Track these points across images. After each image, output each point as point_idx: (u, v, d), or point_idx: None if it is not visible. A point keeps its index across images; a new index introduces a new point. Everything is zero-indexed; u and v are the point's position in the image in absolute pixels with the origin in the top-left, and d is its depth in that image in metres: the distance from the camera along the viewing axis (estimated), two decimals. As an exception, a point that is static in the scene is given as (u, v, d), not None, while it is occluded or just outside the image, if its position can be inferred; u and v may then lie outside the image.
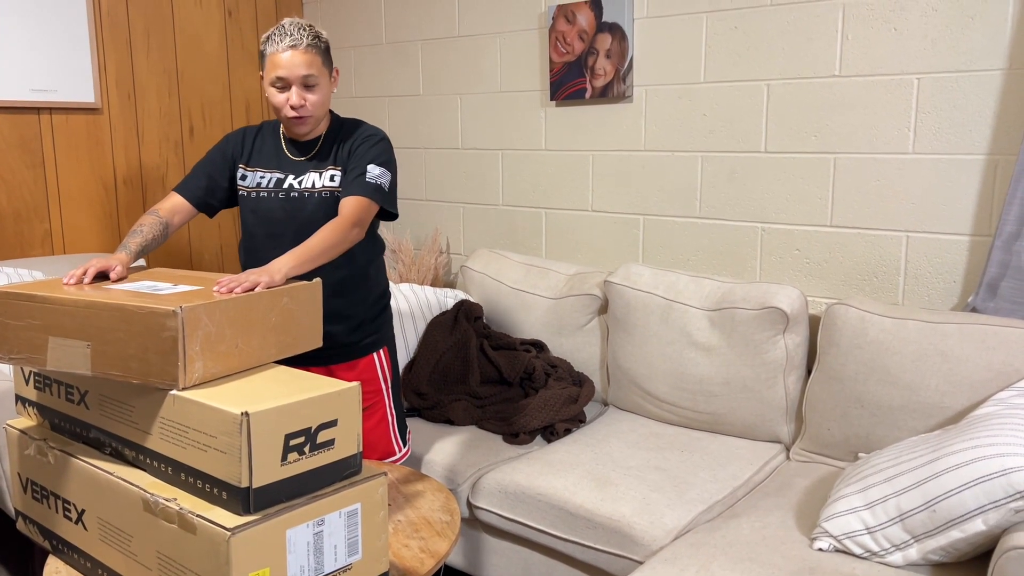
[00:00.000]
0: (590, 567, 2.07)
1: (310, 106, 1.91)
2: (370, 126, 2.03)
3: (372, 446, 2.12)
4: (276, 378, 1.36)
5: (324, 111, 1.97)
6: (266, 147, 2.05)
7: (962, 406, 1.96)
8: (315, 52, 1.89)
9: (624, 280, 2.57)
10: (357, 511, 1.32)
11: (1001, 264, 2.08)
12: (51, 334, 1.38)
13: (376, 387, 2.11)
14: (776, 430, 2.34)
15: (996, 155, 2.14)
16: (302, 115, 1.91)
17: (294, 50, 1.87)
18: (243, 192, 2.04)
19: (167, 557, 1.25)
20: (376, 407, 2.12)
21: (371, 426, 2.11)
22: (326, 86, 1.94)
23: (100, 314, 1.33)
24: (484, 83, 3.17)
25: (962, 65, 2.16)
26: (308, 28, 1.90)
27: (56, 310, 1.37)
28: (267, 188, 2.01)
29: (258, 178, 2.02)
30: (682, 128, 2.68)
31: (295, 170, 2.00)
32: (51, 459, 1.45)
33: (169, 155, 3.42)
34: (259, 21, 3.66)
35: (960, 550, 1.61)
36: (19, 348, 1.42)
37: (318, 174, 1.98)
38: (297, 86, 1.89)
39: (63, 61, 3.04)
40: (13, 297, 1.42)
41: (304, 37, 1.88)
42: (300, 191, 1.98)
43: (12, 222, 2.99)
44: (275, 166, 2.02)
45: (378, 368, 2.12)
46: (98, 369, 1.35)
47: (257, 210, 2.02)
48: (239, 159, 2.06)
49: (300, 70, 1.87)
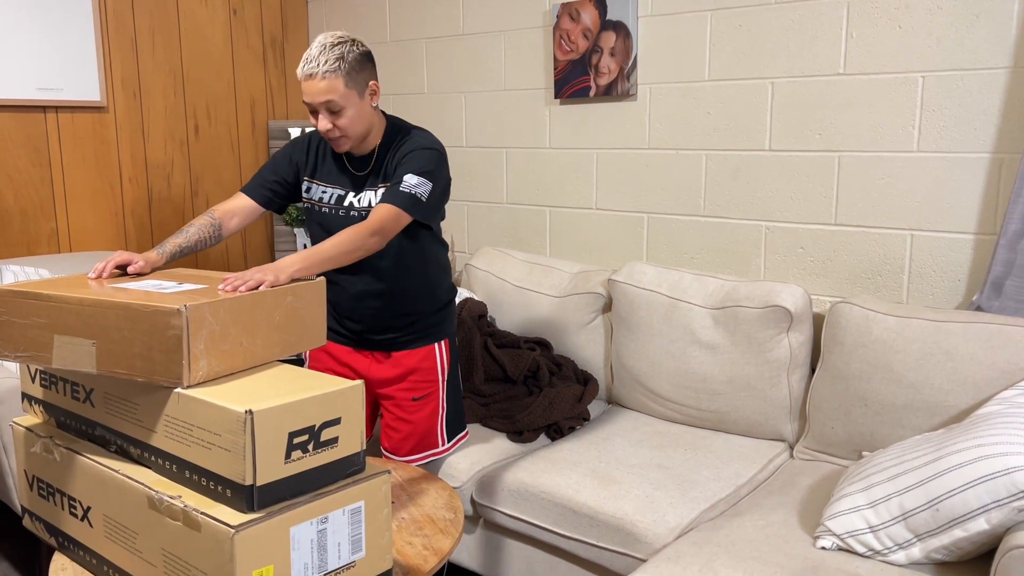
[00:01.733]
0: (594, 565, 2.07)
1: (339, 130, 1.89)
2: (423, 136, 1.98)
3: (417, 436, 2.12)
4: (280, 376, 1.37)
5: (360, 129, 1.93)
6: (329, 159, 2.05)
7: (966, 405, 1.96)
8: (335, 76, 1.84)
9: (628, 278, 2.57)
10: (361, 509, 1.33)
11: (1006, 263, 2.07)
12: (56, 332, 1.39)
13: (433, 377, 2.12)
14: (780, 428, 2.34)
15: (1001, 153, 2.14)
16: (333, 138, 1.91)
17: (311, 79, 1.84)
18: (307, 204, 2.07)
19: (172, 554, 1.26)
20: (431, 397, 2.12)
21: (423, 416, 2.12)
22: (356, 106, 1.89)
23: (105, 313, 1.34)
24: (488, 81, 3.17)
25: (967, 63, 2.16)
26: (332, 48, 1.84)
27: (61, 308, 1.38)
28: (329, 204, 2.02)
29: (320, 192, 2.04)
30: (686, 126, 2.68)
31: (355, 187, 2.01)
32: (57, 456, 1.46)
33: (175, 153, 3.43)
34: (264, 19, 3.67)
35: (963, 549, 1.61)
36: (25, 346, 1.43)
37: (374, 192, 1.98)
38: (322, 111, 1.88)
39: (69, 60, 3.05)
40: (18, 295, 1.43)
41: (320, 64, 1.83)
42: (359, 210, 1.98)
43: (19, 220, 3.01)
44: (336, 181, 2.03)
45: (438, 358, 2.13)
46: (103, 367, 1.35)
47: (318, 222, 2.05)
48: (303, 170, 2.07)
49: (319, 97, 1.85)
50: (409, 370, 2.10)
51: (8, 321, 1.44)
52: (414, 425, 2.12)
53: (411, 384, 2.10)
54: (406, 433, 2.12)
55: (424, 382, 2.11)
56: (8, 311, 1.44)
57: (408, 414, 2.12)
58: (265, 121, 3.71)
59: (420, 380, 2.11)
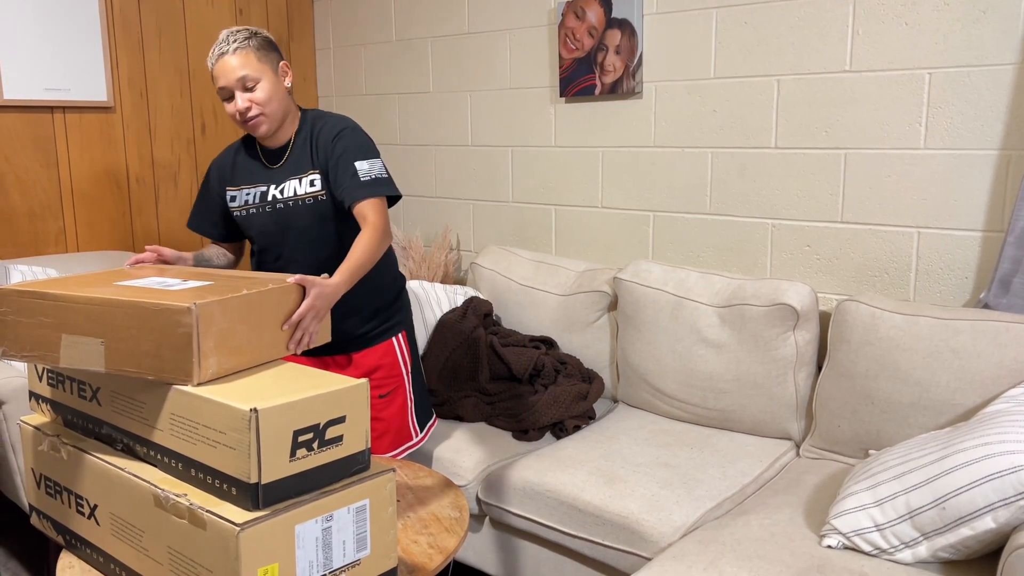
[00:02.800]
0: (599, 563, 2.07)
1: (256, 107, 1.89)
2: (334, 118, 1.98)
3: (392, 432, 2.12)
4: (285, 375, 1.37)
5: (278, 108, 1.93)
6: (245, 162, 2.05)
7: (973, 403, 1.95)
8: (246, 51, 1.87)
9: (634, 277, 2.57)
10: (366, 507, 1.33)
11: (1013, 260, 2.06)
12: (64, 332, 1.40)
13: (396, 372, 2.12)
14: (786, 427, 2.34)
15: (1009, 150, 2.13)
16: (253, 116, 1.89)
17: (223, 57, 1.87)
18: (236, 213, 2.04)
19: (178, 552, 1.26)
20: (397, 392, 2.12)
21: (392, 412, 2.11)
22: (271, 81, 1.90)
23: (114, 312, 1.34)
24: (494, 80, 3.17)
25: (974, 59, 2.15)
26: (238, 31, 1.89)
27: (69, 308, 1.39)
28: (254, 204, 2.01)
29: (244, 196, 2.02)
30: (692, 124, 2.67)
31: (274, 179, 1.99)
32: (64, 455, 1.47)
33: (181, 153, 3.44)
34: (270, 18, 3.67)
35: (970, 548, 1.60)
36: (32, 346, 1.43)
37: (298, 180, 1.96)
38: (238, 91, 1.88)
39: (76, 60, 3.06)
40: (24, 295, 1.43)
41: (231, 42, 1.87)
42: (284, 200, 1.97)
43: (26, 220, 3.02)
44: (256, 179, 2.01)
45: (398, 352, 2.12)
46: (112, 366, 1.36)
47: (251, 227, 2.03)
48: (225, 182, 2.06)
49: (233, 74, 1.86)
50: (371, 368, 2.09)
51: (14, 321, 1.45)
52: (386, 422, 2.12)
53: (376, 381, 2.10)
54: (380, 431, 2.12)
55: (388, 378, 2.10)
56: (14, 311, 1.44)
57: (377, 412, 2.11)
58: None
59: (384, 377, 2.10)
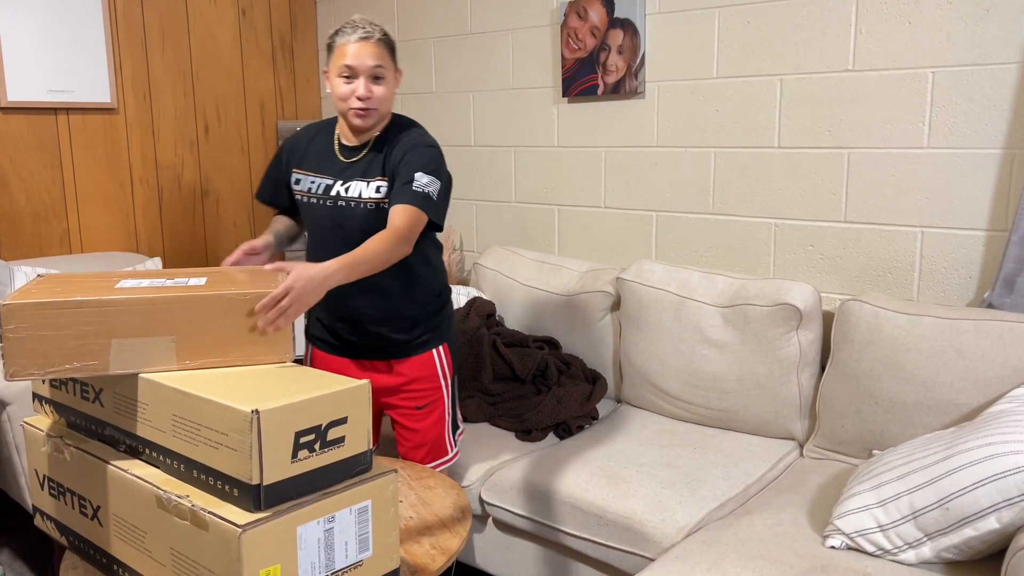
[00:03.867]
0: (602, 564, 2.07)
1: (376, 100, 1.89)
2: (422, 132, 1.97)
3: (428, 446, 2.07)
4: (286, 376, 1.37)
5: (388, 108, 1.94)
6: (320, 149, 2.03)
7: (977, 403, 1.95)
8: (384, 47, 1.89)
9: (637, 277, 2.57)
10: (368, 508, 1.33)
11: (1018, 260, 2.06)
12: (114, 337, 1.36)
13: (436, 384, 2.06)
14: (790, 427, 2.33)
15: (1013, 149, 2.12)
16: (368, 107, 1.88)
17: (365, 42, 1.86)
18: (297, 197, 2.04)
19: (180, 553, 1.26)
20: (435, 405, 2.06)
21: (428, 424, 2.06)
22: (391, 82, 1.92)
23: (188, 305, 1.39)
24: (496, 80, 3.17)
25: (977, 58, 2.14)
26: (376, 25, 1.91)
27: (118, 311, 1.35)
28: (316, 194, 1.99)
29: (309, 183, 2.00)
30: (694, 124, 2.67)
31: (343, 176, 1.97)
32: (67, 456, 1.47)
33: (185, 154, 3.44)
34: (273, 20, 3.68)
35: (974, 548, 1.60)
36: (64, 359, 1.35)
37: (365, 183, 1.94)
38: (365, 77, 1.87)
39: (79, 62, 3.07)
40: (50, 307, 1.34)
41: (375, 31, 1.88)
42: (347, 199, 1.94)
43: (31, 222, 3.03)
44: (325, 170, 1.99)
45: (438, 365, 2.06)
46: (184, 361, 1.39)
47: (308, 215, 2.02)
48: (293, 162, 2.05)
49: (370, 60, 1.86)
50: (410, 379, 2.04)
51: (36, 336, 1.33)
52: (421, 434, 2.07)
53: (413, 393, 2.05)
54: (415, 443, 2.07)
55: (426, 390, 2.05)
56: (34, 326, 1.33)
57: (413, 423, 2.06)
58: (275, 121, 3.73)
59: (422, 388, 2.05)
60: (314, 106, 3.88)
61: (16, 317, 1.32)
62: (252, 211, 3.71)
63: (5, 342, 1.33)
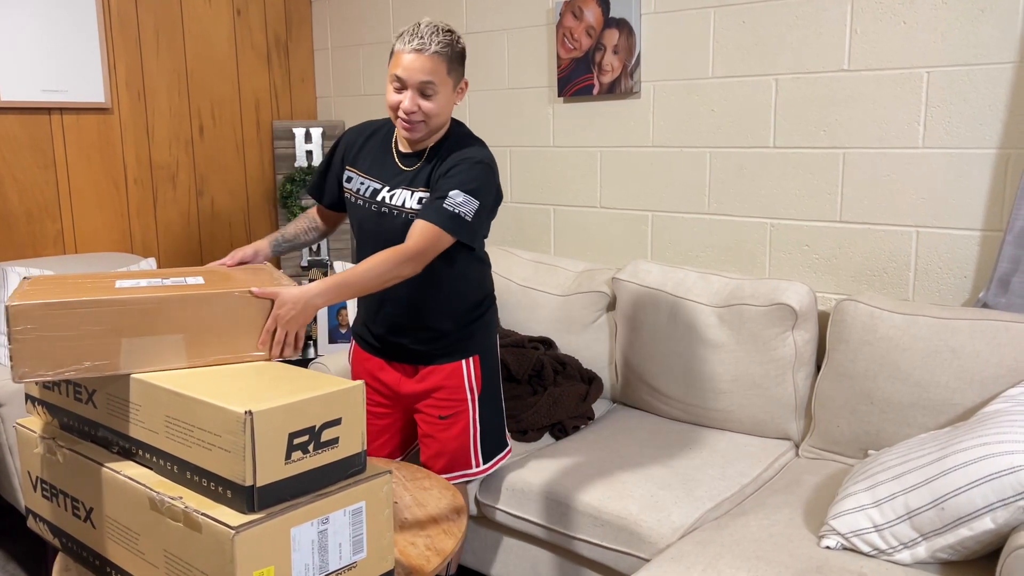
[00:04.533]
0: (597, 565, 2.07)
1: (422, 114, 1.81)
2: (477, 148, 1.88)
3: (448, 455, 2.03)
4: (280, 377, 1.37)
5: (441, 121, 1.86)
6: (376, 151, 1.98)
7: (973, 403, 1.95)
8: (441, 59, 1.78)
9: (632, 277, 2.56)
10: (362, 509, 1.32)
11: (1012, 259, 2.06)
12: (124, 336, 1.35)
13: (460, 396, 2.01)
14: (785, 427, 2.33)
15: (1008, 149, 2.12)
16: (412, 121, 1.82)
17: (418, 53, 1.77)
18: (346, 195, 2.01)
19: (174, 555, 1.26)
20: (459, 416, 2.01)
21: (452, 435, 2.01)
22: (447, 96, 1.83)
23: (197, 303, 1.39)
24: (492, 80, 3.17)
25: (972, 58, 2.14)
26: (443, 33, 1.80)
27: (127, 310, 1.34)
28: (363, 196, 1.95)
29: (359, 183, 1.97)
30: (690, 124, 2.67)
31: (392, 182, 1.92)
32: (60, 458, 1.46)
33: (180, 154, 3.43)
34: (268, 19, 3.67)
35: (969, 548, 1.60)
36: (74, 359, 1.33)
37: (410, 192, 1.89)
38: (413, 90, 1.79)
39: (73, 61, 3.06)
40: (60, 307, 1.31)
41: (432, 42, 1.77)
42: (390, 207, 1.90)
43: (25, 222, 3.02)
44: (377, 174, 1.95)
45: (465, 376, 2.01)
46: (194, 359, 1.39)
47: (353, 215, 1.99)
48: (348, 159, 2.02)
49: (418, 75, 1.77)
50: (435, 387, 2.00)
51: (43, 338, 1.30)
52: (442, 444, 2.03)
53: (437, 401, 2.01)
54: (436, 451, 2.04)
55: (451, 400, 2.00)
56: (41, 327, 1.30)
57: (437, 431, 2.02)
58: (270, 121, 3.72)
59: (446, 398, 2.00)
60: (309, 106, 3.88)
61: (25, 318, 1.29)
62: (247, 211, 3.70)
63: (14, 343, 1.29)
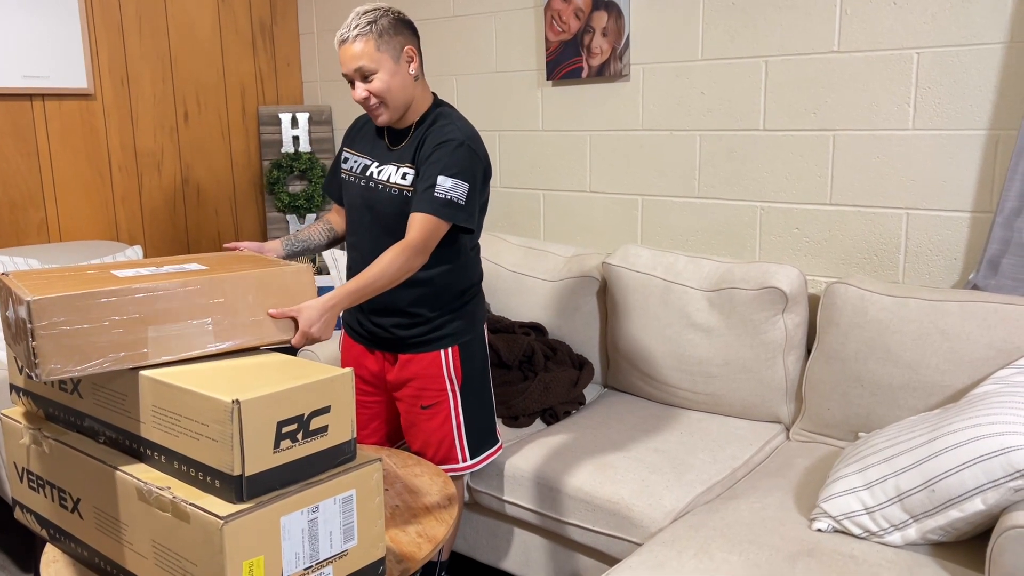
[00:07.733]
0: (589, 549, 2.07)
1: (375, 97, 1.84)
2: (454, 127, 1.88)
3: (433, 447, 2.02)
4: (268, 365, 1.35)
5: (399, 96, 1.86)
6: (370, 132, 2.03)
7: (963, 384, 1.95)
8: (365, 39, 1.79)
9: (622, 261, 2.56)
10: (352, 497, 1.31)
11: (1002, 241, 2.06)
12: (151, 324, 1.32)
13: (439, 385, 2.00)
14: (776, 410, 2.34)
15: (997, 130, 2.12)
16: (370, 107, 1.86)
17: (345, 44, 1.81)
18: (342, 175, 2.05)
19: (162, 545, 1.25)
20: (439, 407, 2.00)
21: (433, 426, 2.01)
22: (389, 70, 1.82)
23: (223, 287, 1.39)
24: (480, 63, 3.14)
25: (962, 39, 2.13)
26: (363, 15, 1.81)
27: (154, 298, 1.32)
28: (354, 173, 1.99)
29: (353, 162, 2.01)
30: (680, 107, 2.65)
31: (381, 159, 1.96)
32: (46, 448, 1.45)
33: (164, 141, 3.39)
34: (252, 4, 3.62)
35: (959, 530, 1.60)
36: (101, 352, 1.27)
37: (395, 168, 1.91)
38: (357, 79, 1.83)
39: (55, 47, 3.01)
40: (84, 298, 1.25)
41: (352, 28, 1.80)
42: (376, 181, 1.93)
43: (7, 210, 2.98)
44: (369, 152, 1.99)
45: (443, 366, 1.99)
46: (221, 342, 1.39)
47: (346, 195, 2.02)
48: (346, 143, 2.07)
49: (351, 64, 1.81)
50: (412, 376, 2.00)
51: (70, 331, 1.23)
52: (427, 434, 2.02)
53: (416, 391, 2.00)
54: (422, 442, 2.03)
55: (430, 390, 2.00)
56: (69, 320, 1.23)
57: (420, 421, 2.02)
58: (255, 107, 3.68)
59: (425, 388, 2.00)
60: (295, 91, 3.84)
61: (49, 312, 1.21)
62: (234, 198, 3.67)
63: (38, 340, 1.20)
